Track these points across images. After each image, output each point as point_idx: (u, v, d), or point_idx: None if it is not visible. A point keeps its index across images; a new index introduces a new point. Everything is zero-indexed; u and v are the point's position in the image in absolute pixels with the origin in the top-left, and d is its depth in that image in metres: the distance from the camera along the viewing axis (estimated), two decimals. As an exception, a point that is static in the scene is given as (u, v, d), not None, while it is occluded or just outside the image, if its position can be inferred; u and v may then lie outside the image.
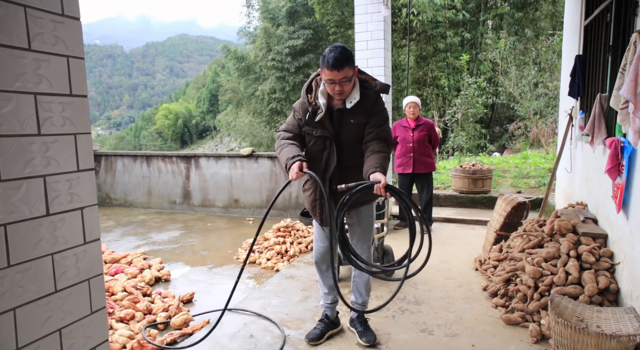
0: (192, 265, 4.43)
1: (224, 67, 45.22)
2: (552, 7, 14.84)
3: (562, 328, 2.25)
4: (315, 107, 2.40)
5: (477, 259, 3.93)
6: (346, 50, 2.26)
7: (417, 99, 5.15)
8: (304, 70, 19.91)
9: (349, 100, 2.37)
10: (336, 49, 2.25)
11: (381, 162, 2.29)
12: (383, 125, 2.43)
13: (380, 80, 2.49)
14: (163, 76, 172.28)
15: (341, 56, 2.23)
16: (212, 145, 44.63)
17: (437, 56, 15.57)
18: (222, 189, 6.89)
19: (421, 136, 5.02)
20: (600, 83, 3.71)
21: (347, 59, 2.25)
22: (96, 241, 1.36)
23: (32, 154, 1.17)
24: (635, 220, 2.48)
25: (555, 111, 11.31)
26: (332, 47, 2.27)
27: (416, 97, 5.18)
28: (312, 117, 2.41)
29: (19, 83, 1.13)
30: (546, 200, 4.83)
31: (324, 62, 2.25)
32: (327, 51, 2.27)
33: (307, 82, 2.48)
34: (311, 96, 2.42)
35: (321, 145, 2.46)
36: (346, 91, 2.32)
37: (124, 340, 2.71)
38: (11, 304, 1.13)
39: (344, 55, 2.24)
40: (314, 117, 2.40)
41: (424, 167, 5.07)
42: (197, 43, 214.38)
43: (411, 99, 5.12)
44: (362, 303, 2.73)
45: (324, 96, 2.40)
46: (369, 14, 5.02)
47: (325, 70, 2.26)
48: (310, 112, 2.41)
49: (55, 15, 1.21)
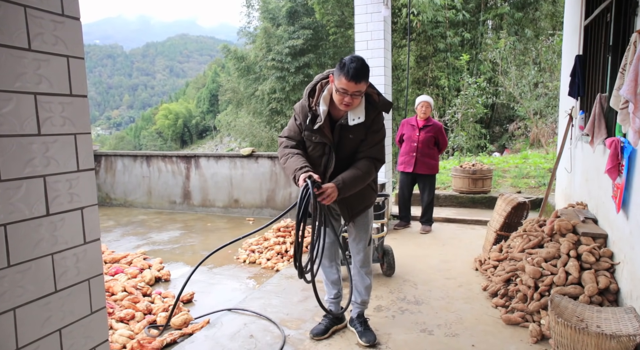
0: (192, 265, 4.43)
1: (224, 67, 45.25)
2: (552, 7, 14.84)
3: (562, 328, 2.25)
4: (315, 113, 2.38)
5: (477, 259, 3.93)
6: (366, 63, 2.24)
7: (430, 99, 5.10)
8: (304, 70, 19.91)
9: (352, 118, 2.35)
10: (358, 60, 2.20)
11: (348, 179, 2.31)
12: (377, 144, 2.44)
13: (384, 97, 2.47)
14: (163, 76, 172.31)
15: (362, 69, 2.19)
16: (212, 145, 44.63)
17: (437, 56, 15.57)
18: (222, 189, 6.89)
19: (427, 137, 4.99)
20: (600, 83, 3.71)
21: (366, 73, 2.22)
22: (96, 241, 1.36)
23: (32, 154, 1.17)
24: (635, 220, 2.48)
25: (555, 111, 11.31)
26: (354, 57, 2.23)
27: (429, 97, 5.12)
28: (311, 124, 2.40)
29: (19, 83, 1.13)
30: (546, 200, 4.83)
31: (344, 71, 2.19)
32: (348, 60, 2.21)
33: (311, 84, 2.44)
34: (312, 100, 2.40)
35: (320, 151, 2.45)
36: (354, 104, 2.29)
37: (124, 340, 2.71)
38: (11, 304, 1.13)
39: (365, 69, 2.21)
40: (313, 124, 2.39)
41: (426, 168, 5.05)
42: (197, 43, 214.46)
43: (424, 99, 5.06)
44: (362, 302, 2.74)
45: (325, 103, 2.37)
46: (369, 14, 5.02)
47: (342, 79, 2.20)
48: (310, 118, 2.39)
49: (55, 15, 1.21)
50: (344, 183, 2.29)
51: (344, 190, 2.29)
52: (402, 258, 4.14)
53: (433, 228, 5.28)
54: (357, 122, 2.35)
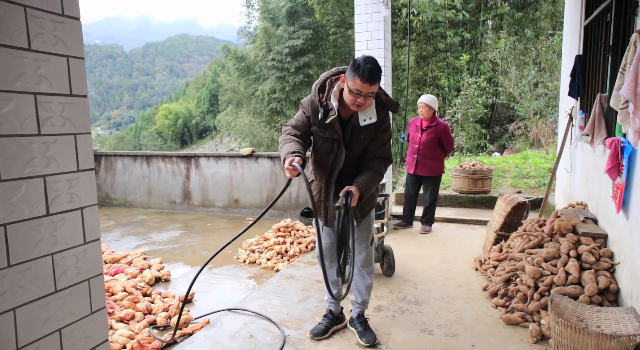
0: (192, 265, 4.43)
1: (224, 67, 45.23)
2: (552, 7, 14.83)
3: (562, 328, 2.25)
4: (326, 107, 2.37)
5: (477, 259, 3.93)
6: (379, 64, 2.24)
7: (429, 100, 4.92)
8: (304, 70, 19.90)
9: (364, 118, 2.36)
10: (372, 61, 2.20)
11: (368, 181, 2.34)
12: (385, 144, 2.48)
13: (390, 97, 2.48)
14: (163, 76, 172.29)
15: (376, 70, 2.20)
16: (212, 145, 44.59)
17: (437, 56, 15.57)
18: (222, 189, 6.89)
19: (429, 139, 4.93)
20: (600, 83, 3.71)
21: (380, 73, 2.23)
22: (96, 241, 1.36)
23: (32, 154, 1.17)
24: (635, 220, 2.48)
25: (555, 111, 11.31)
26: (367, 58, 2.22)
27: (429, 97, 4.94)
28: (323, 118, 2.39)
29: (19, 83, 1.13)
30: (546, 200, 4.83)
31: (359, 72, 2.18)
32: (362, 61, 2.20)
33: (320, 80, 2.42)
34: (323, 95, 2.39)
35: (329, 148, 2.45)
36: (366, 105, 2.30)
37: (124, 340, 2.72)
38: (11, 304, 1.13)
39: (379, 70, 2.22)
40: (325, 119, 2.37)
41: (427, 170, 5.02)
42: (197, 43, 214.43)
43: (422, 99, 4.96)
44: (362, 302, 2.74)
45: (336, 98, 2.37)
46: (369, 14, 5.02)
47: (356, 80, 2.19)
48: (322, 113, 2.38)
49: (55, 15, 1.21)
50: (365, 185, 2.31)
51: (366, 193, 2.32)
52: (402, 258, 4.14)
53: (433, 228, 5.28)
54: (368, 123, 2.37)
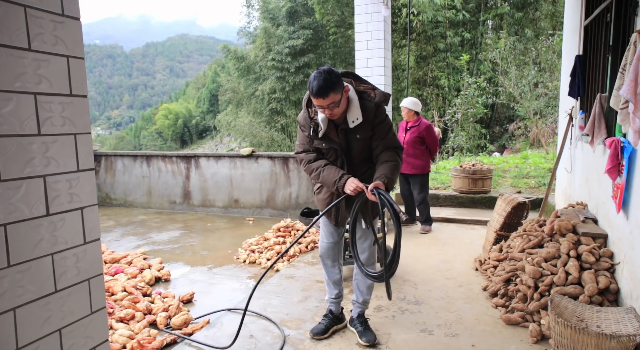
0: (192, 265, 4.43)
1: (224, 67, 45.21)
2: (552, 7, 14.84)
3: (562, 328, 2.25)
4: (316, 123, 2.42)
5: (477, 259, 3.93)
6: (331, 75, 2.21)
7: (410, 103, 5.01)
8: (304, 70, 19.90)
9: (351, 120, 2.37)
10: (320, 75, 2.20)
11: (387, 172, 2.33)
12: (388, 133, 2.45)
13: (380, 90, 2.46)
14: (163, 76, 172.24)
15: (325, 84, 2.19)
16: (212, 145, 44.57)
17: (437, 56, 15.58)
18: (222, 189, 6.89)
19: (412, 138, 5.01)
20: (600, 83, 3.71)
21: (332, 85, 2.20)
22: (96, 241, 1.36)
23: (32, 154, 1.17)
24: (635, 220, 2.48)
25: (555, 111, 11.31)
26: (317, 73, 2.23)
27: (410, 101, 5.03)
28: (315, 133, 2.44)
29: (19, 83, 1.13)
30: (546, 200, 4.83)
31: (309, 89, 2.23)
32: (312, 77, 2.23)
33: (306, 95, 2.44)
34: (312, 110, 2.44)
35: (334, 156, 2.50)
36: (337, 113, 2.32)
37: (124, 340, 2.71)
38: (11, 304, 1.13)
39: (328, 83, 2.19)
40: (317, 133, 2.43)
41: (412, 167, 5.08)
42: (197, 43, 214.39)
43: (402, 103, 5.09)
44: (363, 302, 2.74)
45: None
46: (369, 14, 5.03)
47: (312, 96, 2.25)
48: (313, 128, 2.44)
49: (55, 15, 1.21)
50: (386, 177, 2.31)
51: (390, 184, 2.32)
52: (402, 258, 4.12)
53: (433, 228, 5.28)
54: (356, 124, 2.37)
